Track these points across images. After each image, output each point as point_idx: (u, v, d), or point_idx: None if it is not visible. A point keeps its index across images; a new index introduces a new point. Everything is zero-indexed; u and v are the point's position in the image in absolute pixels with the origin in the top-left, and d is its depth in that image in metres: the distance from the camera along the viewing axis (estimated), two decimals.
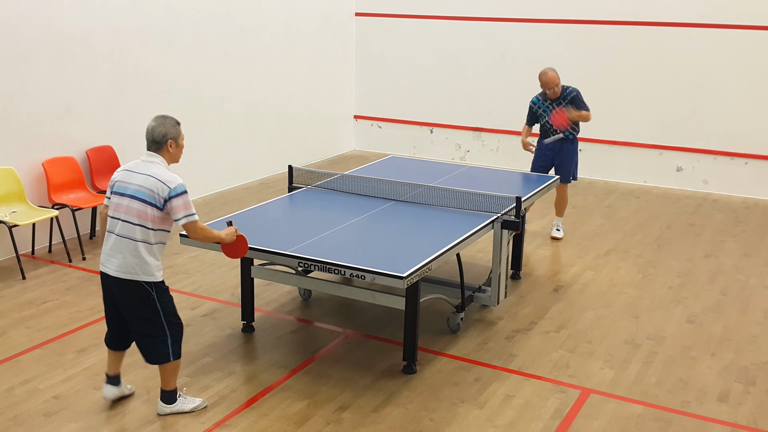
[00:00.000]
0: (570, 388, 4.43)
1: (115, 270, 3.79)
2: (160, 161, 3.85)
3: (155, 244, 3.81)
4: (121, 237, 3.77)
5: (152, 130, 3.84)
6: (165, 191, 3.73)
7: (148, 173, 3.78)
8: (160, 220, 3.79)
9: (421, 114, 10.36)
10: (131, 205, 3.76)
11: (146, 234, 3.77)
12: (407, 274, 4.05)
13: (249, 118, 8.92)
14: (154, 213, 3.75)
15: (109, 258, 3.82)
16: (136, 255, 3.76)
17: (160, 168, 3.81)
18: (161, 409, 4.05)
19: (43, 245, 6.60)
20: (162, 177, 3.76)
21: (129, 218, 3.76)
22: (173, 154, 3.90)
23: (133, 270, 3.76)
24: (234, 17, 8.46)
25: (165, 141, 3.84)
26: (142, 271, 3.77)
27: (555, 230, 7.09)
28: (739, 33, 8.44)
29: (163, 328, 3.88)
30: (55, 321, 5.22)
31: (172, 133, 3.85)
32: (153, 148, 3.85)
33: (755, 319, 5.40)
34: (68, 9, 6.65)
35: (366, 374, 4.55)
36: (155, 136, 3.83)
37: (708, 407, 4.26)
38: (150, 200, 3.74)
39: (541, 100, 6.78)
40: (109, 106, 7.14)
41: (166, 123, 3.86)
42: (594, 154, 9.43)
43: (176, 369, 4.00)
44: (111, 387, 4.14)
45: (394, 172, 6.24)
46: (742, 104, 8.57)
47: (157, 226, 3.79)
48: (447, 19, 9.99)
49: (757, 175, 8.63)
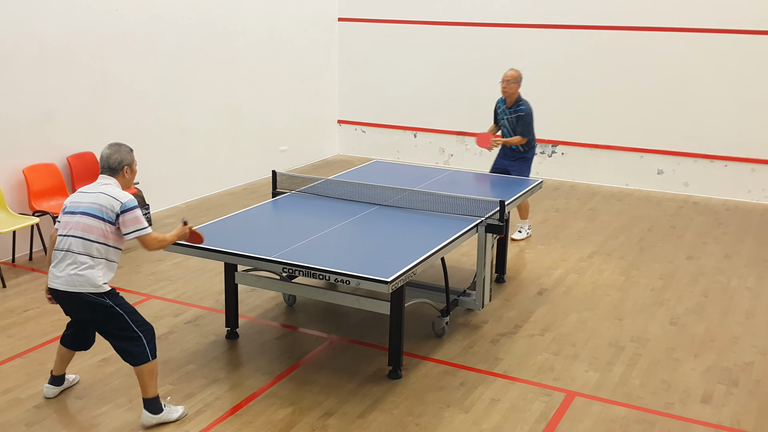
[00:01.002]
0: (555, 391, 4.45)
1: (62, 284, 3.85)
2: (114, 183, 3.97)
3: (102, 259, 3.85)
4: (69, 252, 3.84)
5: (108, 157, 3.97)
6: (117, 206, 3.83)
7: (99, 191, 3.90)
8: (113, 237, 3.86)
9: (404, 118, 10.38)
10: (81, 221, 3.84)
11: (94, 248, 3.83)
12: (392, 279, 4.05)
13: (232, 124, 8.88)
14: (105, 228, 3.83)
15: (57, 274, 3.87)
16: (83, 269, 3.81)
17: (113, 188, 3.93)
18: (147, 419, 4.00)
19: (23, 253, 6.53)
20: (112, 193, 3.88)
21: (77, 233, 3.83)
22: (128, 179, 4.04)
23: (79, 283, 3.82)
24: (217, 22, 8.44)
25: (121, 167, 3.98)
26: (88, 283, 3.82)
27: (517, 232, 7.12)
28: (718, 37, 8.55)
29: (135, 331, 3.91)
30: (36, 329, 5.15)
31: (127, 160, 4.00)
32: (108, 173, 3.98)
33: (737, 320, 5.45)
34: (49, 15, 6.59)
35: (351, 380, 4.53)
36: (111, 163, 3.96)
37: (691, 408, 4.29)
38: (100, 215, 3.83)
39: (502, 101, 6.87)
40: (91, 112, 7.08)
41: (122, 150, 3.99)
42: (576, 157, 9.50)
43: (154, 372, 3.98)
44: (53, 387, 4.26)
45: (378, 177, 6.24)
46: (721, 107, 8.67)
47: (107, 241, 3.85)
48: (430, 24, 10.02)
49: (736, 178, 8.73)
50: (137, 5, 7.42)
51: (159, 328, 5.16)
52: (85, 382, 4.48)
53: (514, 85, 6.66)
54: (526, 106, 6.69)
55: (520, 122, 6.68)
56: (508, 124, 6.78)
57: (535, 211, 8.09)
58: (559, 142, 9.57)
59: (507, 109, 6.75)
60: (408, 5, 10.09)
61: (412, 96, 10.25)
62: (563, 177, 9.60)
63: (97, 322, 3.96)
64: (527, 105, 6.71)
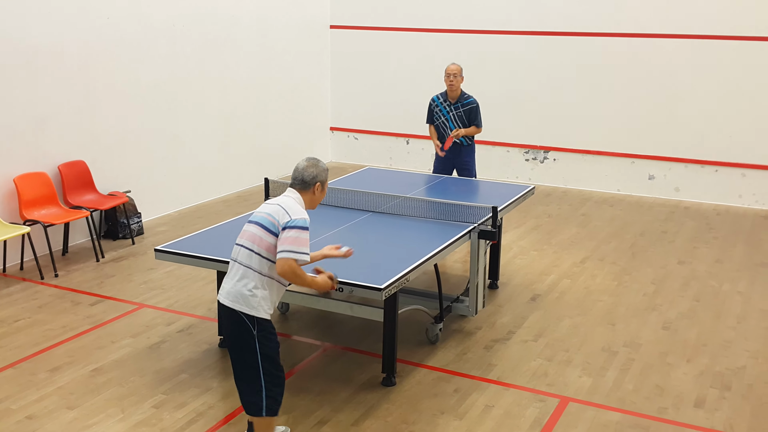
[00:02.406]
0: (549, 397, 4.45)
1: (224, 296, 3.55)
2: (298, 198, 3.64)
3: (267, 276, 3.52)
4: (238, 264, 3.55)
5: (303, 169, 3.65)
6: (285, 219, 3.47)
7: (278, 203, 3.58)
8: (274, 250, 3.48)
9: (397, 125, 10.40)
10: (250, 230, 3.55)
11: (260, 263, 3.51)
12: (385, 286, 4.04)
13: (225, 131, 8.88)
14: (270, 241, 3.48)
15: (224, 285, 3.59)
16: (246, 283, 3.50)
17: (293, 201, 3.60)
18: None
19: (14, 262, 6.49)
20: (288, 206, 3.53)
21: (246, 243, 3.55)
22: (316, 198, 3.70)
23: (236, 299, 3.50)
24: (209, 30, 8.44)
25: (314, 183, 3.66)
26: (245, 302, 3.49)
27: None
28: (709, 43, 8.61)
29: (259, 376, 3.53)
30: (27, 339, 5.12)
31: (322, 177, 3.67)
32: (298, 186, 3.66)
33: (729, 325, 5.47)
34: (40, 23, 6.58)
35: (345, 387, 4.52)
36: (305, 176, 3.64)
37: (684, 413, 4.30)
38: (268, 226, 3.49)
39: (441, 99, 6.86)
40: (82, 121, 7.06)
41: (319, 165, 3.68)
42: (568, 163, 9.53)
43: (270, 427, 3.63)
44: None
45: (371, 184, 6.24)
46: (712, 113, 8.73)
47: (269, 255, 3.50)
48: (422, 32, 10.05)
49: (727, 183, 8.78)
50: (129, 14, 7.42)
51: (151, 338, 5.14)
52: (77, 392, 4.45)
53: (461, 78, 6.69)
54: (474, 98, 6.74)
55: (473, 113, 6.72)
56: (455, 118, 6.78)
57: (527, 217, 8.12)
58: (551, 148, 9.60)
59: (451, 105, 6.77)
60: (400, 13, 10.12)
61: (404, 103, 10.27)
62: (555, 183, 9.63)
63: (234, 344, 3.57)
64: (473, 97, 6.75)
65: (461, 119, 6.76)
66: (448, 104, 6.78)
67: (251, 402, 3.59)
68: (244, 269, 3.53)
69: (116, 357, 4.87)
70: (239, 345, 3.56)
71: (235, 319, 3.53)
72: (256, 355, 3.53)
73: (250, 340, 3.52)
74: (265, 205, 3.66)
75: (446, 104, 6.80)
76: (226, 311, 3.56)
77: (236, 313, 3.51)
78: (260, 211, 3.61)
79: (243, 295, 3.51)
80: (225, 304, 3.55)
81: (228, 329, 3.62)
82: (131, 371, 4.68)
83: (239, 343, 3.56)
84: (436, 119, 6.90)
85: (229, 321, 3.57)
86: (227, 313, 3.56)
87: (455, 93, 6.73)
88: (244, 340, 3.53)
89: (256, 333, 3.51)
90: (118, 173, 7.44)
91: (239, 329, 3.53)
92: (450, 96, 6.77)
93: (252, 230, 3.56)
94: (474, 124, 6.79)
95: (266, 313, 3.55)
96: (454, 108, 6.74)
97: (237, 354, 3.60)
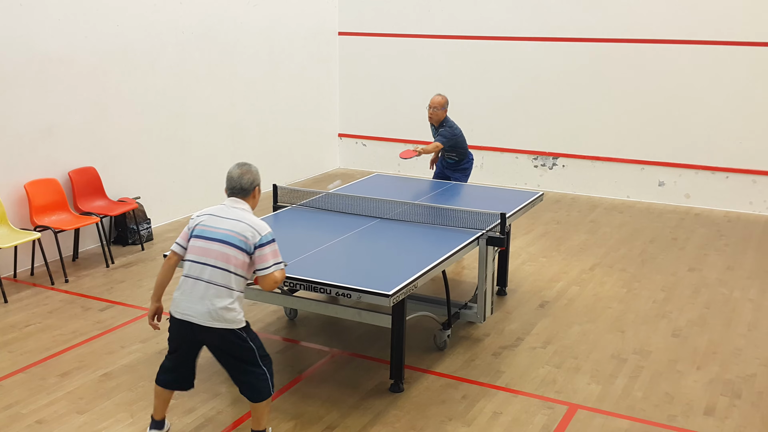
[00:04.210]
0: (557, 404, 4.43)
1: (203, 318, 3.60)
2: (247, 208, 3.74)
3: (239, 292, 3.66)
4: (211, 284, 3.59)
5: (240, 177, 3.74)
6: (257, 238, 3.60)
7: (237, 218, 3.65)
8: (247, 268, 3.64)
9: (405, 131, 10.41)
10: (221, 250, 3.59)
11: (236, 281, 3.62)
12: (393, 292, 4.04)
13: (233, 138, 8.91)
14: (244, 259, 3.60)
15: (194, 306, 3.61)
16: (225, 302, 3.59)
17: (248, 214, 3.70)
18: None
19: (25, 268, 6.53)
20: (253, 223, 3.64)
21: (218, 263, 3.59)
22: (256, 200, 3.82)
23: (222, 318, 3.59)
24: (217, 37, 8.49)
25: (252, 188, 3.76)
26: (231, 318, 3.61)
27: None
28: (719, 49, 8.58)
29: (261, 367, 3.73)
30: (37, 344, 5.15)
31: (258, 180, 3.78)
32: (240, 195, 3.74)
33: (739, 332, 5.44)
34: (50, 31, 6.64)
35: (353, 393, 4.52)
36: (243, 183, 3.73)
37: (694, 421, 4.27)
38: (240, 245, 3.59)
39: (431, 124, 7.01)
40: (92, 127, 7.11)
41: (252, 170, 3.78)
42: (577, 169, 9.51)
43: (270, 405, 3.85)
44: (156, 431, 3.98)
45: (379, 190, 6.25)
46: (722, 119, 8.69)
47: (243, 272, 3.63)
48: (429, 38, 10.08)
49: (738, 189, 8.73)
50: (138, 21, 7.48)
51: (160, 344, 5.16)
52: (87, 397, 4.47)
53: (441, 112, 6.78)
54: (448, 127, 6.74)
55: (441, 133, 6.78)
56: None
57: (536, 224, 8.10)
58: (560, 155, 9.59)
59: (435, 128, 6.91)
60: (407, 19, 10.15)
61: (412, 109, 10.28)
62: (564, 189, 9.61)
63: (225, 357, 3.71)
64: (453, 126, 6.76)
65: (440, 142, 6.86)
66: (433, 127, 6.93)
67: (259, 389, 3.73)
68: (218, 288, 3.60)
69: (126, 362, 4.89)
70: (236, 355, 3.70)
71: (221, 335, 3.64)
72: (254, 353, 3.71)
73: (246, 345, 3.69)
74: (215, 218, 3.66)
75: (433, 129, 6.96)
76: (208, 330, 3.62)
77: (223, 331, 3.63)
78: (220, 228, 3.63)
79: (224, 314, 3.61)
80: (204, 325, 3.61)
81: (216, 344, 3.69)
82: (141, 376, 4.70)
83: (236, 354, 3.70)
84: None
85: (210, 340, 3.67)
86: (209, 332, 3.62)
87: (436, 121, 6.82)
88: (241, 348, 3.68)
89: (247, 337, 3.70)
90: (128, 179, 7.49)
91: (231, 344, 3.68)
92: (431, 118, 6.86)
93: (221, 249, 3.60)
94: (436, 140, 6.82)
95: (245, 321, 3.70)
96: (436, 132, 6.91)
97: (234, 361, 3.72)
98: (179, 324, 3.70)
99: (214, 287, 3.60)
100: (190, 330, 3.67)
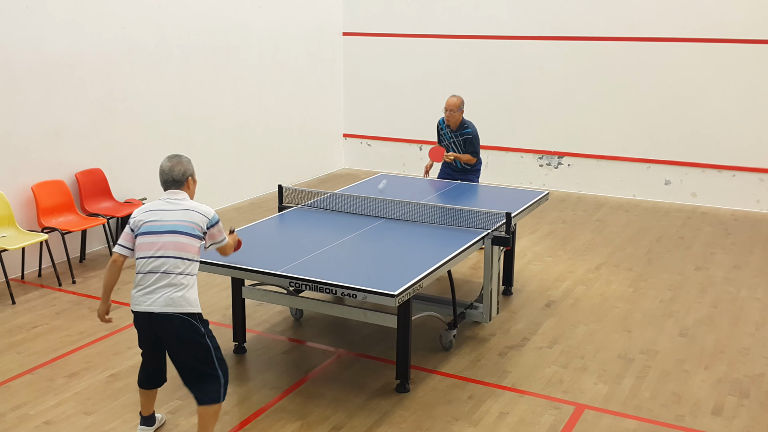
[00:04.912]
0: (564, 404, 4.42)
1: (160, 306, 3.66)
2: (186, 197, 3.84)
3: (194, 275, 3.77)
4: (164, 273, 3.67)
5: (170, 169, 3.82)
6: (205, 222, 3.78)
7: (183, 208, 3.77)
8: (198, 251, 3.79)
9: (410, 131, 10.41)
10: (174, 240, 3.69)
11: (190, 266, 3.74)
12: (399, 292, 4.04)
13: (238, 138, 8.93)
14: (196, 244, 3.75)
15: (150, 296, 3.67)
16: (182, 288, 3.68)
17: (192, 202, 3.83)
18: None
19: (32, 269, 6.56)
20: (199, 209, 3.80)
21: (170, 252, 3.68)
22: (192, 190, 3.92)
23: (179, 303, 3.67)
24: (222, 38, 8.50)
25: (185, 178, 3.84)
26: (188, 303, 3.69)
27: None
28: (724, 47, 8.55)
29: (216, 369, 3.75)
30: (45, 346, 5.17)
31: (190, 170, 3.87)
32: (174, 187, 3.83)
33: (747, 331, 5.41)
34: (56, 33, 6.66)
35: (359, 394, 4.52)
36: (175, 175, 3.81)
37: (702, 421, 4.26)
38: (193, 232, 3.73)
39: (445, 124, 6.94)
40: (98, 129, 7.14)
41: (183, 161, 3.86)
42: (582, 168, 9.49)
43: (218, 413, 3.82)
44: (146, 428, 4.07)
45: (384, 190, 6.25)
46: (728, 117, 8.66)
47: (197, 257, 3.77)
48: (434, 38, 10.07)
49: (744, 188, 8.70)
50: (143, 23, 7.50)
51: None
52: (94, 398, 4.48)
53: (458, 114, 6.78)
54: (472, 129, 6.84)
55: (468, 144, 6.81)
56: (454, 146, 6.89)
57: (541, 223, 8.09)
58: (566, 154, 9.57)
59: (452, 132, 6.88)
60: (411, 19, 10.15)
61: (417, 108, 10.29)
62: (570, 188, 9.59)
63: (182, 350, 3.73)
64: (473, 127, 6.86)
65: (460, 146, 6.87)
66: (450, 130, 6.89)
67: (210, 392, 3.74)
68: (172, 276, 3.67)
69: (133, 363, 4.91)
70: (190, 347, 3.72)
71: (177, 325, 3.67)
72: (209, 350, 3.74)
73: (201, 339, 3.72)
74: (160, 212, 3.74)
75: (448, 130, 6.91)
76: (166, 318, 3.66)
77: (178, 318, 3.66)
78: (169, 220, 3.72)
79: (179, 300, 3.67)
80: (165, 311, 3.66)
81: (170, 337, 3.71)
82: None
83: (190, 345, 3.71)
84: (442, 141, 7.00)
85: (169, 329, 3.69)
86: (168, 321, 3.67)
87: (455, 123, 6.81)
88: (195, 340, 3.71)
89: (204, 330, 3.74)
90: (134, 181, 7.51)
91: (187, 332, 3.69)
92: (450, 125, 6.84)
93: (173, 240, 3.69)
94: (469, 153, 6.83)
95: (200, 308, 3.77)
96: (454, 135, 6.87)
97: (188, 356, 3.74)
98: (139, 318, 3.77)
99: (168, 276, 3.68)
100: (148, 322, 3.72)
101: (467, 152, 6.85)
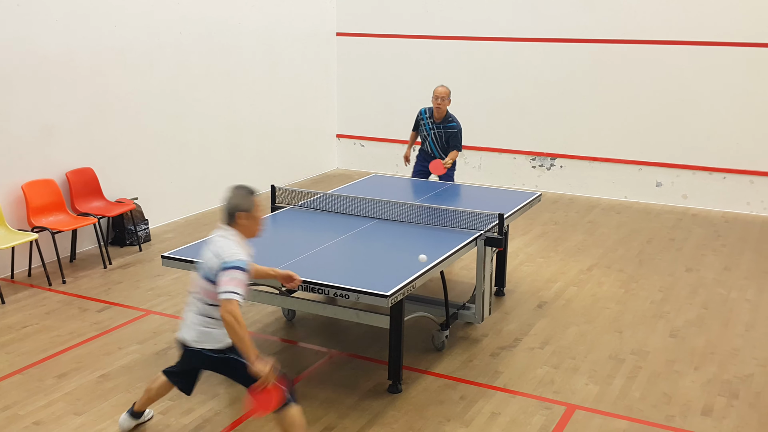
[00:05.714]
0: (555, 405, 4.43)
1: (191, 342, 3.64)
2: (227, 234, 3.53)
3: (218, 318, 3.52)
4: (196, 315, 3.62)
5: (226, 201, 3.57)
6: (218, 264, 3.43)
7: (211, 249, 3.52)
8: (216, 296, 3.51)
9: (403, 132, 10.37)
10: (199, 283, 3.59)
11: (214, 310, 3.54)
12: (391, 293, 4.04)
13: (231, 138, 8.91)
14: (213, 290, 3.48)
15: (185, 330, 3.68)
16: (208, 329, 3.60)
17: (224, 241, 3.50)
18: None
19: (22, 269, 6.52)
20: (219, 249, 3.46)
21: (198, 296, 3.61)
22: (247, 226, 3.55)
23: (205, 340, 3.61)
24: (215, 37, 8.48)
25: (235, 214, 3.52)
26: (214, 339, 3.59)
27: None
28: (717, 50, 8.59)
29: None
30: (35, 346, 5.14)
31: (242, 205, 3.52)
32: (226, 221, 3.57)
33: (737, 332, 5.44)
34: (48, 31, 6.63)
35: (351, 394, 4.52)
36: (228, 210, 3.55)
37: (692, 421, 4.28)
38: (210, 277, 3.49)
39: (427, 114, 6.95)
40: (90, 128, 7.11)
41: (236, 194, 3.56)
42: (575, 170, 9.52)
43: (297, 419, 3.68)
44: (130, 418, 4.06)
45: (377, 191, 6.25)
46: (720, 120, 8.71)
47: (216, 302, 3.49)
48: (428, 39, 10.08)
49: (735, 190, 8.75)
50: (136, 22, 7.47)
51: (158, 344, 5.15)
52: (84, 398, 4.46)
53: (448, 101, 6.79)
54: (457, 123, 6.87)
55: (452, 138, 6.83)
56: (435, 137, 6.89)
57: (534, 224, 8.11)
58: (558, 155, 9.60)
59: (435, 123, 6.89)
60: (406, 20, 10.15)
61: (410, 110, 10.24)
62: (562, 190, 9.62)
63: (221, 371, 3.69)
64: (457, 121, 6.88)
65: (441, 139, 6.89)
66: (432, 122, 6.90)
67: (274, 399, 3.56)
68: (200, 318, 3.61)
69: (123, 363, 4.89)
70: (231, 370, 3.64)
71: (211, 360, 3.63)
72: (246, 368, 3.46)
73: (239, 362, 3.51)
74: (204, 251, 3.60)
75: (431, 121, 6.93)
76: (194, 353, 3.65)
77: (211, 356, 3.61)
78: (201, 260, 3.60)
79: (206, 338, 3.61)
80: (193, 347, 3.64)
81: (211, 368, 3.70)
82: (138, 377, 4.69)
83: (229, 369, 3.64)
84: (421, 131, 7.02)
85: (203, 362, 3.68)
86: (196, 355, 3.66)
87: (441, 114, 6.81)
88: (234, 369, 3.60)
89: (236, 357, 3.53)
90: (126, 180, 7.48)
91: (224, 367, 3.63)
92: (435, 116, 6.85)
93: (199, 282, 3.61)
94: (453, 148, 6.86)
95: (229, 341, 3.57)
96: (437, 127, 6.88)
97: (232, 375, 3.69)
98: (179, 343, 3.78)
99: (198, 317, 3.63)
100: (185, 350, 3.72)
101: (450, 145, 6.85)
